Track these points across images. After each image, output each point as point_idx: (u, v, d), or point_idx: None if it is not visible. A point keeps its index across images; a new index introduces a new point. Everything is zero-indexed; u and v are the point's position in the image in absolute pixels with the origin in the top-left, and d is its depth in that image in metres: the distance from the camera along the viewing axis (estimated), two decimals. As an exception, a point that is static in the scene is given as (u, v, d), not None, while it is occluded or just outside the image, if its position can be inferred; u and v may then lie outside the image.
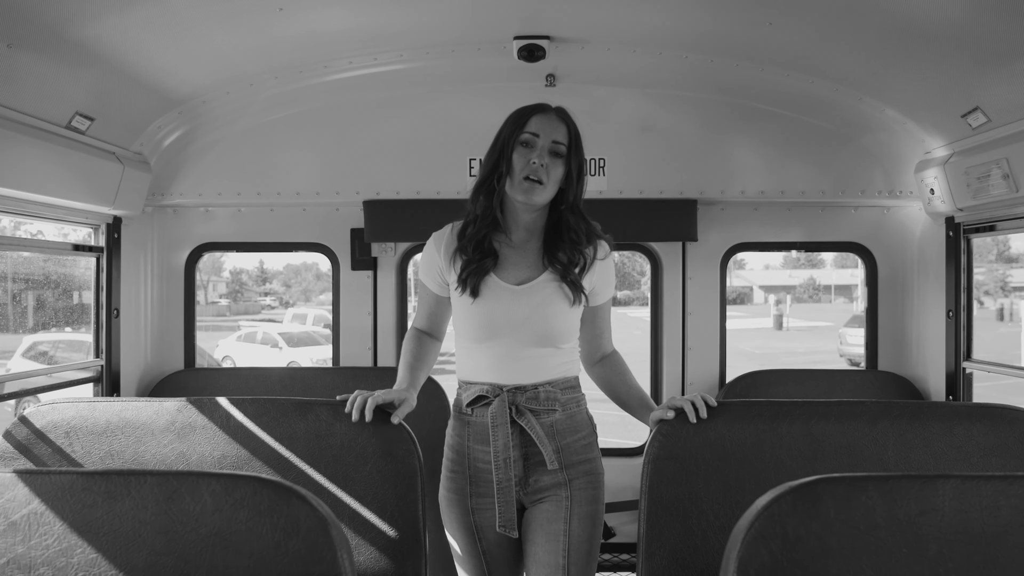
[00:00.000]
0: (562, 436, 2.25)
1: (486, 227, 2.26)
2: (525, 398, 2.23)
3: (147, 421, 2.45)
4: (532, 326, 2.22)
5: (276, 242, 3.89)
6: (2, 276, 14.55)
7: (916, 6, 2.49)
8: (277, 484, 1.54)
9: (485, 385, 2.24)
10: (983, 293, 31.61)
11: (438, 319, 2.42)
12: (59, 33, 2.49)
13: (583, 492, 2.25)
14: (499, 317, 2.22)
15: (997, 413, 2.34)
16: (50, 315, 15.34)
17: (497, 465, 2.20)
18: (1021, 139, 2.78)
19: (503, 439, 2.20)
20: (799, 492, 1.50)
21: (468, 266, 2.24)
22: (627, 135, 3.63)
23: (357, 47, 3.24)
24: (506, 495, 2.20)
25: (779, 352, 24.98)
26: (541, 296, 2.23)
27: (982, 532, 1.46)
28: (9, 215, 2.94)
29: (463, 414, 2.30)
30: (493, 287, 2.24)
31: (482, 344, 2.25)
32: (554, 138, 2.21)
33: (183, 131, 3.52)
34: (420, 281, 2.43)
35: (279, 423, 2.42)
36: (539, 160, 2.18)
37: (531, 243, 2.30)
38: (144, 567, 1.50)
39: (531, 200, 2.20)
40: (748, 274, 47.81)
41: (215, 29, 2.80)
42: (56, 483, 1.55)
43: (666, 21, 3.01)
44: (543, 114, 2.24)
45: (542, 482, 2.25)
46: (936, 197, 3.39)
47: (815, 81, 3.36)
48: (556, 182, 2.22)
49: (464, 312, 2.27)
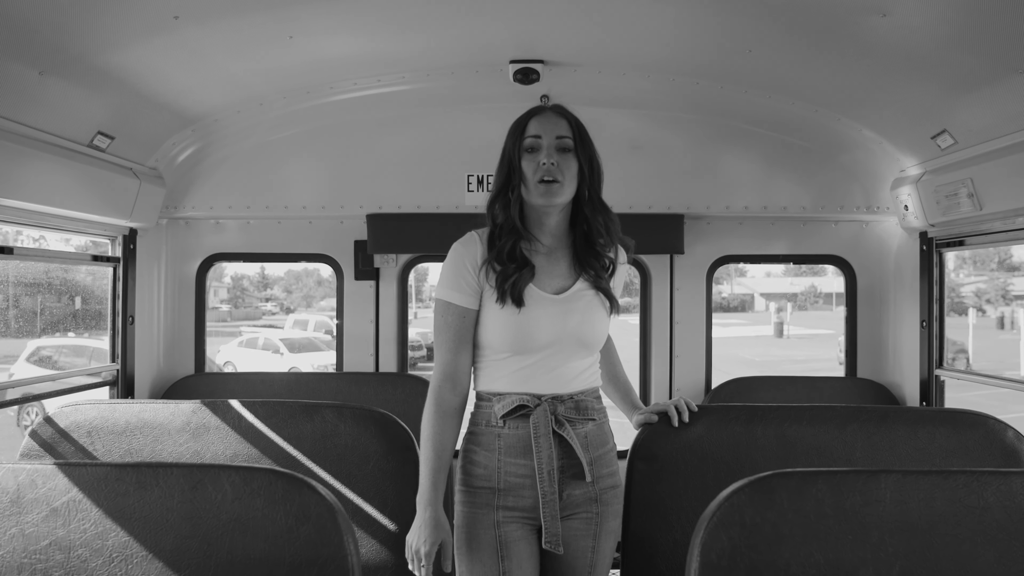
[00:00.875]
0: (594, 448, 2.21)
1: (511, 237, 2.18)
2: (565, 408, 2.17)
3: (164, 422, 2.64)
4: (577, 335, 2.18)
5: (283, 253, 4.07)
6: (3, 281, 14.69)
7: (889, 35, 2.67)
8: (289, 476, 1.72)
9: (523, 395, 2.16)
10: (985, 301, 31.77)
11: (462, 354, 2.21)
12: (86, 61, 2.69)
13: (610, 507, 2.23)
14: (545, 327, 2.15)
15: (959, 417, 2.51)
16: (50, 320, 15.50)
17: (542, 478, 2.11)
18: (983, 161, 2.97)
19: (547, 450, 2.12)
20: (756, 485, 1.68)
21: (507, 276, 2.15)
22: (618, 153, 3.81)
23: (362, 70, 3.43)
24: (552, 508, 2.11)
25: (779, 360, 25.08)
26: (583, 304, 2.20)
27: (919, 521, 1.64)
28: (35, 228, 3.13)
29: (492, 427, 2.18)
30: (535, 296, 2.17)
31: (519, 355, 2.17)
32: (557, 134, 2.17)
33: (196, 147, 3.71)
34: (443, 304, 2.21)
35: (287, 424, 2.60)
36: (547, 160, 2.14)
37: (560, 249, 2.25)
38: (171, 549, 1.68)
39: (552, 201, 2.15)
40: (749, 281, 47.91)
41: (230, 56, 2.99)
42: (92, 474, 1.73)
43: (653, 47, 3.19)
44: (540, 115, 2.22)
45: (575, 496, 2.19)
46: (910, 213, 3.57)
47: (795, 103, 3.55)
48: (573, 177, 2.17)
49: (503, 323, 2.15)
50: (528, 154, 2.17)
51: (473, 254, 2.20)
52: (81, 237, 3.56)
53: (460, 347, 2.20)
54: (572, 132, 2.19)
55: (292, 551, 1.67)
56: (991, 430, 2.43)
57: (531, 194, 2.16)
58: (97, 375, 3.65)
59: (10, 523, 1.70)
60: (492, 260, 2.17)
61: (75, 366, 11.85)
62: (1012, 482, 1.66)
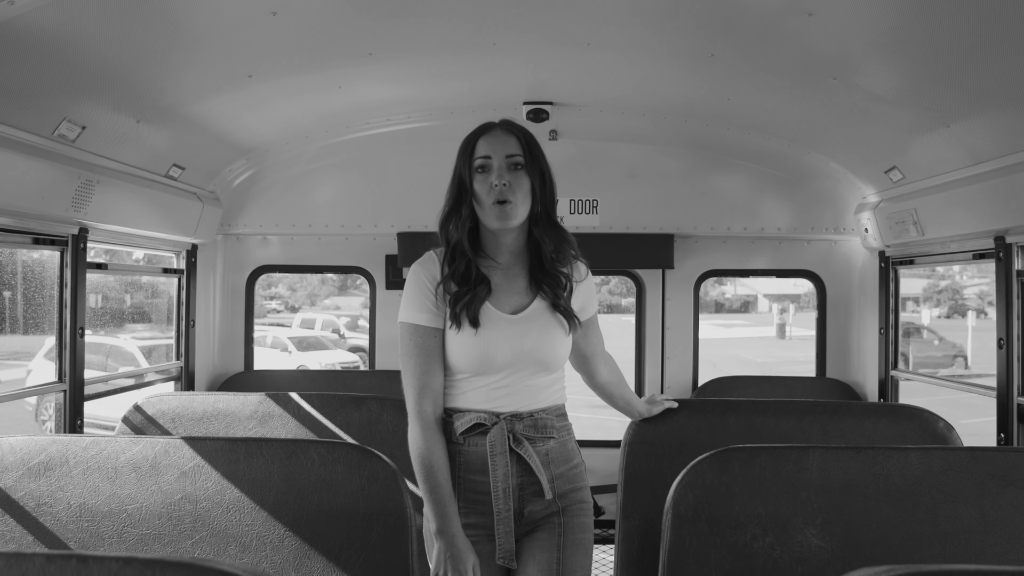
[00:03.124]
0: (556, 465, 2.21)
1: (463, 259, 2.17)
2: (523, 426, 2.17)
3: (235, 410, 3.19)
4: (535, 355, 2.17)
5: (323, 265, 4.62)
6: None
7: (846, 90, 3.18)
8: (362, 448, 2.26)
9: (481, 413, 2.16)
10: (987, 304, 32.16)
11: (433, 374, 2.19)
12: (173, 110, 3.23)
13: (575, 520, 2.22)
14: (502, 348, 2.15)
15: (899, 411, 3.05)
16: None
17: (497, 495, 2.12)
18: (924, 195, 3.51)
19: (503, 468, 2.13)
20: (716, 457, 2.21)
21: (461, 297, 2.14)
22: (616, 180, 4.36)
23: (395, 109, 3.97)
24: (506, 525, 2.13)
25: (780, 360, 25.34)
26: (540, 324, 2.19)
27: (837, 485, 2.17)
28: (121, 247, 3.69)
29: (454, 443, 2.19)
30: (491, 316, 2.16)
31: (481, 375, 2.17)
32: (507, 152, 2.14)
33: (249, 174, 4.26)
34: (409, 327, 2.20)
35: (338, 413, 3.15)
36: (499, 180, 2.10)
37: (517, 267, 2.24)
38: (273, 502, 2.22)
39: (507, 223, 2.13)
40: (753, 283, 48.23)
41: (288, 102, 3.55)
42: (211, 446, 2.27)
43: (646, 93, 3.73)
44: (488, 134, 2.17)
45: (536, 512, 2.19)
46: (870, 235, 4.11)
47: (771, 139, 4.09)
48: (526, 195, 2.14)
49: (462, 346, 2.15)
50: (480, 174, 2.14)
51: (432, 273, 2.19)
52: (149, 251, 4.12)
53: (432, 367, 2.18)
54: (522, 148, 2.15)
55: (365, 505, 2.20)
56: (925, 421, 2.95)
57: (487, 217, 2.14)
58: (165, 372, 4.20)
59: (151, 482, 2.24)
60: (448, 280, 2.17)
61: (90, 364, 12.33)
62: (909, 456, 2.19)
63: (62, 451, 2.26)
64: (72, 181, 2.95)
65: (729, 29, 2.83)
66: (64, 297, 3.18)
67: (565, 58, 3.29)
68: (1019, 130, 2.81)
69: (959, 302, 27.64)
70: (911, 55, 2.83)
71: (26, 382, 9.68)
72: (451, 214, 2.20)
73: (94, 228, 3.28)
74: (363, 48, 3.02)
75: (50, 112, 2.74)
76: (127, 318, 16.47)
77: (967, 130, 3.02)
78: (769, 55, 2.98)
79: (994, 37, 2.39)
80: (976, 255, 3.40)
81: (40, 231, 3.03)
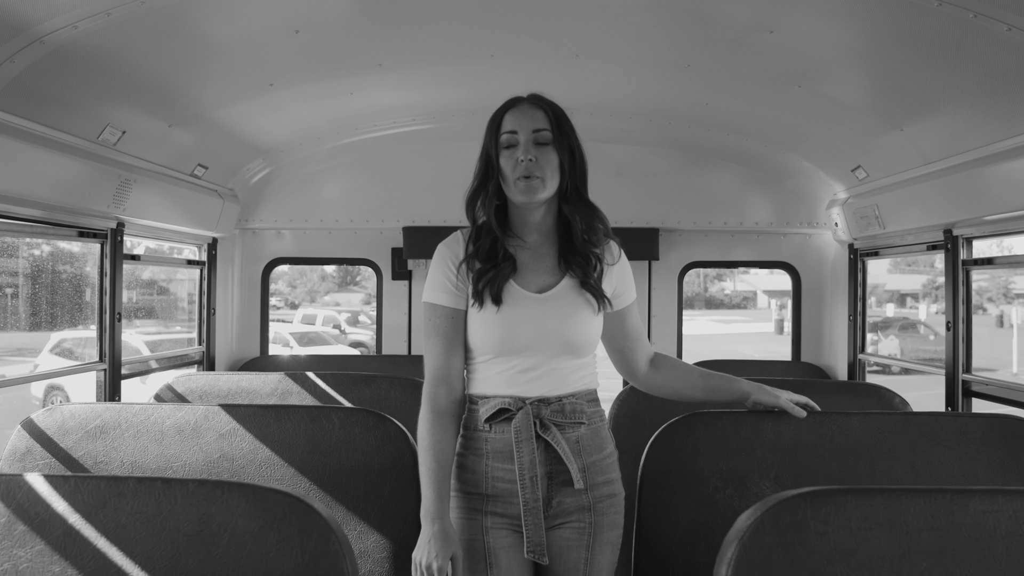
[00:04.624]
0: (588, 453, 2.11)
1: (490, 237, 2.12)
2: (550, 411, 2.07)
3: (257, 388, 3.53)
4: (559, 336, 2.08)
5: (332, 257, 4.96)
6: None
7: (811, 97, 3.49)
8: (376, 413, 2.56)
9: (506, 398, 2.08)
10: (987, 299, 32.42)
11: (453, 357, 2.13)
12: (201, 115, 3.57)
13: (606, 517, 2.12)
14: (525, 327, 2.07)
15: (860, 388, 3.39)
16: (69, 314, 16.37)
17: (523, 484, 2.02)
18: (884, 192, 3.84)
19: (529, 455, 2.03)
20: (683, 421, 2.53)
21: (484, 274, 2.08)
22: (606, 178, 4.69)
23: (401, 112, 4.30)
24: (535, 516, 2.02)
25: (776, 355, 25.65)
26: (565, 303, 2.11)
27: (788, 444, 2.47)
28: (151, 239, 4.03)
29: (480, 431, 2.11)
30: (515, 295, 2.09)
31: (503, 357, 2.09)
32: (534, 127, 2.07)
33: (265, 172, 4.60)
34: (430, 307, 2.15)
35: (351, 390, 3.49)
36: (525, 156, 2.04)
37: (546, 246, 2.17)
38: (300, 460, 2.54)
39: (533, 198, 2.06)
40: (752, 279, 48.51)
41: (304, 107, 3.88)
42: (244, 412, 2.60)
43: (633, 98, 4.06)
44: (516, 108, 2.12)
45: (565, 504, 2.08)
46: (840, 229, 4.45)
47: (748, 139, 4.42)
48: (554, 171, 2.07)
49: (484, 325, 2.09)
50: (506, 151, 2.08)
51: (456, 253, 2.15)
52: (174, 244, 4.46)
53: (451, 349, 2.13)
54: (550, 123, 2.09)
55: (379, 462, 2.51)
56: (883, 396, 3.28)
57: (512, 192, 2.08)
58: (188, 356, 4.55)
59: (192, 443, 2.57)
60: (471, 258, 2.12)
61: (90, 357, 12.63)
62: (851, 419, 2.51)
63: (115, 417, 2.60)
64: (113, 180, 3.28)
65: (702, 43, 3.16)
66: (104, 285, 3.52)
67: (556, 68, 3.60)
68: (962, 133, 3.14)
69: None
70: (865, 67, 3.17)
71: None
72: (478, 190, 2.15)
73: (129, 223, 3.61)
74: (373, 59, 3.34)
75: (95, 118, 3.07)
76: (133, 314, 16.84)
77: (918, 133, 3.35)
78: (739, 66, 3.31)
79: (936, 51, 2.71)
80: (929, 247, 3.73)
81: (84, 225, 3.37)
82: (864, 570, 1.47)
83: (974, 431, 2.45)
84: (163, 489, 1.57)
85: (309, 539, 1.50)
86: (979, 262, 3.42)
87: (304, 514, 1.52)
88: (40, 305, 15.14)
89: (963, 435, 2.45)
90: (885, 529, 1.49)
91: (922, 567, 1.47)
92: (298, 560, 1.50)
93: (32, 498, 1.55)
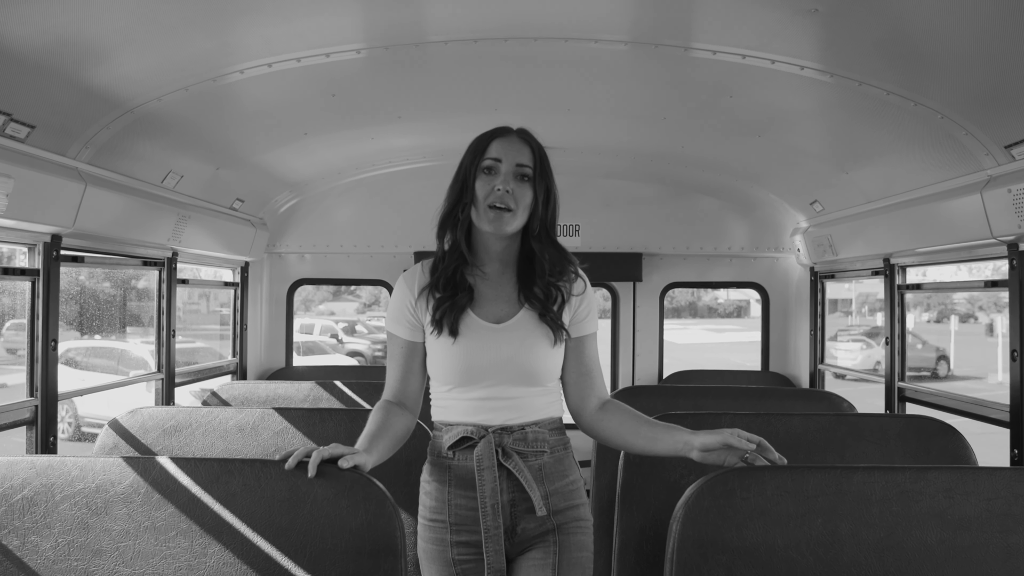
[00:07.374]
0: (550, 480, 2.12)
1: (455, 261, 2.12)
2: (512, 439, 2.09)
3: (291, 395, 4.07)
4: (516, 365, 2.09)
5: (350, 278, 5.51)
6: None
7: (772, 145, 4.06)
8: None
9: (469, 426, 2.09)
10: (978, 308, 32.97)
11: (409, 382, 2.18)
12: (244, 160, 4.12)
13: (572, 538, 2.12)
14: (481, 358, 2.08)
15: (813, 395, 3.96)
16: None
17: (484, 512, 2.04)
18: (836, 224, 4.42)
19: (491, 483, 2.05)
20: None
21: (442, 304, 2.10)
22: (594, 208, 5.27)
23: (413, 152, 4.85)
24: (495, 543, 2.05)
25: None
26: (523, 334, 2.11)
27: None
28: (194, 264, 4.59)
29: (443, 458, 2.13)
30: (472, 325, 2.10)
31: (463, 387, 2.10)
32: (518, 161, 2.08)
33: (291, 203, 5.16)
34: (390, 335, 2.21)
35: (375, 396, 4.00)
36: (503, 186, 2.05)
37: (506, 275, 2.17)
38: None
39: (500, 230, 2.06)
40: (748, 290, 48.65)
41: (331, 151, 4.44)
42: (294, 414, 3.13)
43: (617, 141, 4.63)
44: (504, 138, 2.13)
45: (529, 530, 2.10)
46: (801, 254, 5.03)
47: (722, 175, 4.99)
48: (526, 207, 2.08)
49: (442, 355, 2.11)
50: (484, 175, 2.09)
51: (412, 286, 2.17)
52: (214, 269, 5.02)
53: (406, 376, 2.19)
54: (534, 161, 2.11)
55: (407, 454, 2.98)
56: (833, 402, 3.82)
57: (480, 218, 2.08)
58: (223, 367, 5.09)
59: (252, 439, 3.10)
60: (431, 287, 2.14)
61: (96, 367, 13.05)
62: (792, 420, 3.04)
63: (187, 418, 3.14)
64: (172, 217, 3.84)
65: (676, 101, 3.72)
66: (161, 306, 4.07)
67: (551, 118, 4.17)
68: (895, 178, 3.72)
69: (949, 306, 28.47)
70: (813, 123, 3.75)
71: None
72: (450, 214, 2.15)
73: (181, 251, 4.17)
74: (394, 113, 3.91)
75: (161, 166, 3.63)
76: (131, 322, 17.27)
77: (860, 177, 3.93)
78: (708, 119, 3.88)
79: (865, 114, 3.27)
80: (873, 272, 4.31)
81: (147, 256, 3.93)
82: (775, 525, 2.03)
83: (893, 428, 3.00)
84: (261, 468, 2.09)
85: (371, 503, 2.01)
86: (911, 287, 4.00)
87: (366, 486, 2.04)
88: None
89: (883, 432, 2.99)
90: (791, 495, 2.05)
91: (817, 523, 2.03)
92: (362, 519, 2.01)
93: (164, 474, 2.07)
